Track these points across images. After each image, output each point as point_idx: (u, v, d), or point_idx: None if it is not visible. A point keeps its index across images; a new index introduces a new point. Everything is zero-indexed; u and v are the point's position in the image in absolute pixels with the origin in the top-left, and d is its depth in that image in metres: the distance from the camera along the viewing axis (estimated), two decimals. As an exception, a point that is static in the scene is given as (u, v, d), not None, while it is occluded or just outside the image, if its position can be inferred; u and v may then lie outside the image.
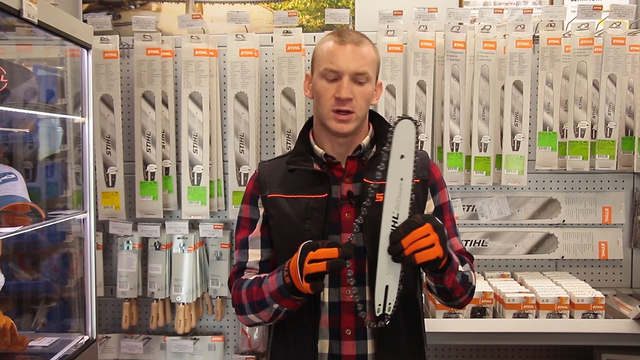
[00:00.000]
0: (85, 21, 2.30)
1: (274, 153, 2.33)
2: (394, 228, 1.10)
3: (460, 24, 2.18)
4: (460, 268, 1.23)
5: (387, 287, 1.12)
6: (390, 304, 1.13)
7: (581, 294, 2.01)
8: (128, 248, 2.34)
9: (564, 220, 2.33)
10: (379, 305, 1.12)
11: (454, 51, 2.19)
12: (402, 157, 1.10)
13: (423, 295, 1.38)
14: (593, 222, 2.34)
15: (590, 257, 2.33)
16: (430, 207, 1.32)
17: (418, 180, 1.29)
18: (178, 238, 2.31)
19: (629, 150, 2.24)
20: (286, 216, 1.28)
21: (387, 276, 1.11)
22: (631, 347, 2.04)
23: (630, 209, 2.34)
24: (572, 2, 2.36)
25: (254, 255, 1.32)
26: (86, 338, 2.00)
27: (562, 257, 2.34)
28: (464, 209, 2.34)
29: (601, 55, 2.17)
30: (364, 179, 1.27)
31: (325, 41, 1.29)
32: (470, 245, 2.34)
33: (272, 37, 2.30)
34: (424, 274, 1.33)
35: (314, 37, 2.34)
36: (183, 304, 2.29)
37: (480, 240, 2.35)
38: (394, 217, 1.10)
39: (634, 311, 1.98)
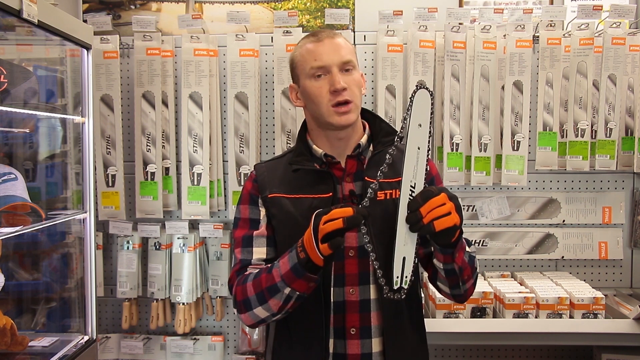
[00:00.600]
0: (85, 21, 2.30)
1: (273, 153, 2.33)
2: (411, 197, 1.12)
3: (460, 24, 2.18)
4: (467, 248, 1.25)
5: (404, 258, 1.13)
6: (407, 277, 1.13)
7: (581, 294, 2.01)
8: (128, 248, 2.34)
9: (564, 220, 2.33)
10: (397, 277, 1.13)
11: (454, 51, 2.19)
12: (419, 125, 1.13)
13: (423, 295, 1.38)
14: (593, 222, 2.34)
15: (590, 257, 2.33)
16: None
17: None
18: (178, 238, 2.31)
19: (629, 150, 2.24)
20: (289, 216, 1.28)
21: (405, 247, 1.12)
22: (631, 347, 2.04)
23: (630, 209, 2.34)
24: (572, 2, 2.36)
25: (259, 253, 1.31)
26: (86, 338, 2.00)
27: (562, 257, 2.34)
28: (464, 209, 2.34)
29: (601, 55, 2.17)
30: (366, 177, 1.27)
31: (301, 46, 1.30)
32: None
33: (272, 37, 2.30)
34: (427, 264, 1.34)
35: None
36: (183, 304, 2.29)
37: (480, 240, 2.35)
38: (411, 187, 1.12)
39: (634, 311, 1.98)
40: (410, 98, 1.13)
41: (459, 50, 2.20)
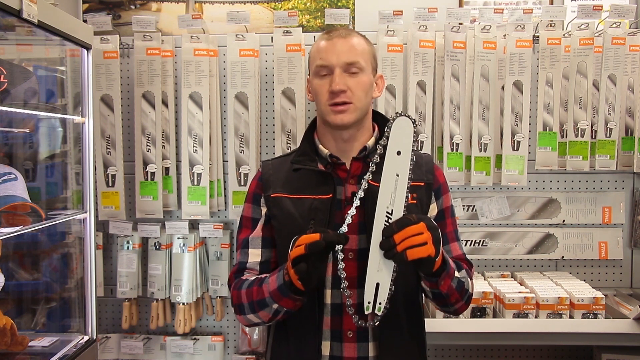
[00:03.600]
0: (85, 21, 2.29)
1: (274, 153, 2.33)
2: (387, 224, 1.10)
3: (460, 24, 2.18)
4: (457, 274, 1.23)
5: (377, 284, 1.11)
6: (380, 303, 1.11)
7: (581, 294, 2.01)
8: (128, 248, 2.34)
9: (564, 220, 2.33)
10: (368, 302, 1.12)
11: (454, 51, 2.19)
12: (398, 153, 1.12)
13: (423, 296, 1.38)
14: (593, 222, 2.33)
15: (590, 257, 2.33)
16: (433, 210, 1.33)
17: (422, 184, 1.30)
18: (178, 238, 2.31)
19: (629, 150, 2.24)
20: (290, 216, 1.28)
21: (378, 273, 1.11)
22: (631, 347, 2.04)
23: (630, 209, 2.34)
24: (572, 2, 2.36)
25: (254, 255, 1.32)
26: (86, 338, 2.00)
27: (562, 257, 2.34)
28: (464, 209, 2.34)
29: (601, 55, 2.17)
30: (370, 181, 1.26)
31: (316, 42, 1.31)
32: (470, 245, 2.34)
33: (272, 37, 2.30)
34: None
35: (314, 37, 2.33)
36: (183, 304, 2.29)
37: (480, 240, 2.35)
38: (387, 213, 1.11)
39: (634, 311, 1.98)
40: (389, 125, 1.13)
41: (459, 50, 2.20)
